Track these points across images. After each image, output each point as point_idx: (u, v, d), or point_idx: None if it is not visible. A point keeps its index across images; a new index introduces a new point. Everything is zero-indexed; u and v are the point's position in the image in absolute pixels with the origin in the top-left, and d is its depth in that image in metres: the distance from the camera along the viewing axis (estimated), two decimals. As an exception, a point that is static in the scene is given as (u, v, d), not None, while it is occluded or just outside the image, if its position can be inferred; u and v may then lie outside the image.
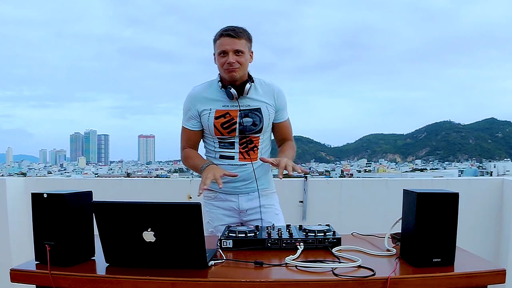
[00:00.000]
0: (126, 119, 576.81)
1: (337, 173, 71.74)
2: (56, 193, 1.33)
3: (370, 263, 1.32)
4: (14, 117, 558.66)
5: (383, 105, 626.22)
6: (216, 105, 1.93)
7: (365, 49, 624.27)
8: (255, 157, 1.96)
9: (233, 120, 1.91)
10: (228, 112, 1.92)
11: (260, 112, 1.93)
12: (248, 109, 1.92)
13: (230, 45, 1.84)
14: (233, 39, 1.84)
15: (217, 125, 1.92)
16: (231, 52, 1.84)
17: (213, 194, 2.02)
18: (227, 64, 1.84)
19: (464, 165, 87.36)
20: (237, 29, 1.87)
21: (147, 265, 1.31)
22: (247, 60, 1.90)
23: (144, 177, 15.47)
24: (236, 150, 1.95)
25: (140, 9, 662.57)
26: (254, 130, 1.93)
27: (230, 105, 1.92)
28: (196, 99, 1.96)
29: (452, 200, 1.32)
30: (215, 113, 1.92)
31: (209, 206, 2.03)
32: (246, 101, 1.92)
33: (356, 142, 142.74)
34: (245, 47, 1.88)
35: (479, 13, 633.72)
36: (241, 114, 1.91)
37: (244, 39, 1.87)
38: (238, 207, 1.98)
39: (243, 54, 1.87)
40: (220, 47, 1.86)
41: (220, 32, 1.87)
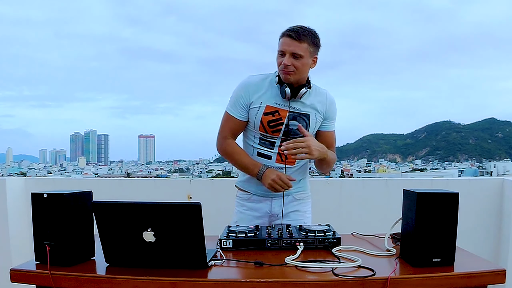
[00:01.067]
0: (126, 119, 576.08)
1: (337, 173, 71.73)
2: (56, 193, 1.33)
3: (370, 263, 1.32)
4: (14, 117, 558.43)
5: (383, 105, 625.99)
6: (268, 101, 1.86)
7: (365, 49, 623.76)
8: (292, 161, 1.90)
9: (281, 120, 1.86)
10: (278, 111, 1.86)
11: (308, 118, 1.88)
12: (298, 112, 1.87)
13: (289, 47, 1.77)
14: (293, 41, 1.77)
15: (264, 121, 1.86)
16: (289, 54, 1.77)
17: (247, 195, 1.98)
18: (282, 65, 1.79)
19: (464, 165, 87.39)
20: (302, 31, 1.78)
21: (147, 265, 1.32)
22: (305, 65, 1.81)
23: (144, 177, 15.45)
24: (275, 151, 1.89)
25: (140, 9, 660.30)
26: (299, 135, 1.85)
27: (281, 104, 1.86)
28: (250, 89, 1.88)
29: (452, 200, 1.32)
30: (265, 108, 1.86)
31: (241, 207, 1.99)
32: (297, 104, 1.87)
33: (356, 142, 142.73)
34: (306, 51, 1.79)
35: (479, 13, 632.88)
36: (290, 116, 1.86)
37: (307, 43, 1.78)
38: (270, 210, 1.94)
39: (302, 59, 1.78)
40: (280, 46, 1.80)
41: (284, 30, 1.81)
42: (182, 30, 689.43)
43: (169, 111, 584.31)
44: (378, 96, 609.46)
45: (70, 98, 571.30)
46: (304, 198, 2.00)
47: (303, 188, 2.00)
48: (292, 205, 1.96)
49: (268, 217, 1.96)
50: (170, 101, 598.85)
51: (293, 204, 1.96)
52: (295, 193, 1.96)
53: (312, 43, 1.80)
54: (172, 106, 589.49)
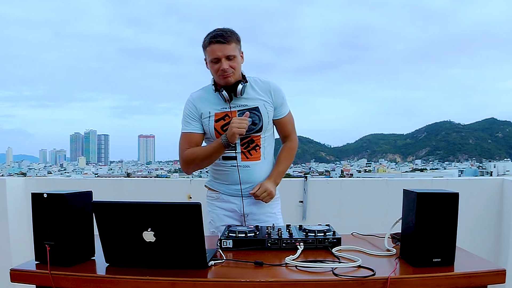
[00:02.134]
0: (126, 119, 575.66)
1: (337, 173, 71.70)
2: (56, 193, 1.33)
3: (370, 263, 1.32)
4: (14, 117, 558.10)
5: (383, 105, 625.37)
6: (215, 108, 1.93)
7: (365, 49, 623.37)
8: (257, 156, 1.95)
9: None
10: (227, 114, 1.91)
11: (258, 110, 1.92)
12: (246, 108, 1.91)
13: (221, 51, 1.82)
14: (223, 45, 1.82)
15: (217, 128, 1.91)
16: (223, 58, 1.83)
17: (216, 194, 2.01)
18: (221, 70, 1.84)
19: (464, 165, 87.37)
20: (225, 33, 1.84)
21: (147, 265, 1.31)
22: (239, 63, 1.89)
23: (144, 177, 15.46)
24: (238, 150, 1.93)
25: (140, 9, 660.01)
26: (255, 130, 1.91)
27: (228, 107, 1.91)
28: (196, 103, 1.95)
29: (452, 200, 1.32)
30: (214, 116, 1.92)
31: (212, 206, 2.02)
32: (242, 101, 1.92)
33: (356, 142, 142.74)
34: (236, 50, 1.86)
35: (479, 13, 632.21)
36: (240, 115, 1.89)
37: (234, 42, 1.85)
38: (239, 209, 1.97)
39: (235, 58, 1.85)
40: (211, 55, 1.84)
41: (208, 38, 1.85)
42: (182, 30, 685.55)
43: (169, 111, 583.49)
44: (378, 96, 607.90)
45: (70, 98, 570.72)
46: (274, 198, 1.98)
47: None
48: (261, 206, 1.96)
49: (239, 216, 1.99)
50: (170, 101, 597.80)
51: (261, 205, 1.96)
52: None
53: (237, 40, 1.87)
54: (172, 106, 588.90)
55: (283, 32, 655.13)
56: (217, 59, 1.83)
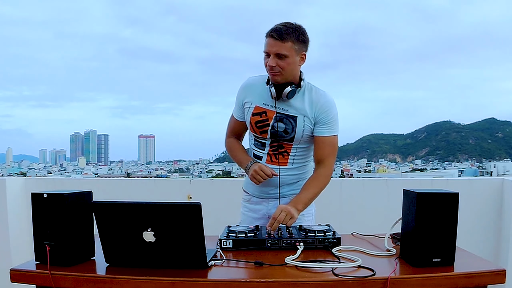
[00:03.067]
0: (126, 119, 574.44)
1: (337, 173, 71.70)
2: (56, 193, 1.33)
3: (370, 263, 1.32)
4: (14, 117, 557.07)
5: (383, 105, 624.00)
6: (257, 101, 1.86)
7: (365, 49, 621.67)
8: (284, 162, 1.87)
9: (267, 122, 1.84)
10: (266, 112, 1.84)
11: (295, 121, 1.81)
12: (285, 114, 1.82)
13: (273, 47, 1.73)
14: (276, 41, 1.72)
15: (252, 121, 1.86)
16: (273, 54, 1.73)
17: (248, 196, 1.99)
18: (268, 66, 1.76)
19: (464, 165, 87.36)
20: (285, 30, 1.72)
21: (147, 265, 1.32)
22: (291, 64, 1.75)
23: (144, 177, 15.46)
24: (266, 151, 1.88)
25: (140, 9, 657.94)
26: (285, 138, 1.83)
27: (270, 105, 1.83)
28: (245, 90, 1.90)
29: (452, 200, 1.32)
30: (254, 109, 1.86)
31: (244, 208, 2.00)
32: (286, 106, 1.82)
33: (356, 142, 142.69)
34: (290, 50, 1.73)
35: (479, 13, 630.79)
36: (276, 117, 1.82)
37: (291, 42, 1.72)
38: (267, 212, 1.91)
39: (287, 58, 1.73)
40: (265, 47, 1.76)
41: (268, 30, 1.76)
42: (181, 30, 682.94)
43: (169, 111, 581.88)
44: (378, 96, 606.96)
45: (70, 98, 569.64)
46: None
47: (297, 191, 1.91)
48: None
49: (266, 219, 1.92)
50: (170, 101, 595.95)
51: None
52: (291, 195, 1.90)
53: (297, 40, 1.74)
54: (172, 106, 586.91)
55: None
56: (268, 53, 1.75)
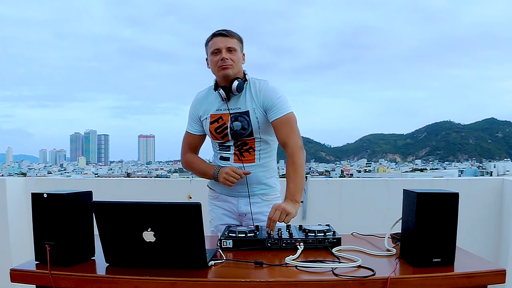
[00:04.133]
0: (126, 119, 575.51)
1: (337, 173, 71.69)
2: (56, 193, 1.33)
3: (370, 263, 1.32)
4: (14, 117, 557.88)
5: (383, 105, 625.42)
6: (211, 109, 1.94)
7: (365, 49, 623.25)
8: (251, 159, 1.92)
9: (225, 125, 1.90)
10: (221, 116, 1.92)
11: (248, 115, 1.88)
12: (239, 112, 1.89)
13: (223, 43, 1.85)
14: (225, 37, 1.86)
15: (212, 130, 1.93)
16: (224, 49, 1.85)
17: (215, 194, 2.03)
18: (220, 61, 1.84)
19: (464, 165, 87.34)
20: (228, 30, 1.89)
21: (147, 265, 1.31)
22: (239, 59, 1.89)
23: (144, 177, 15.46)
24: (232, 152, 1.94)
25: (139, 9, 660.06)
26: (245, 134, 1.89)
27: (223, 109, 1.92)
28: (197, 104, 1.99)
29: (452, 200, 1.31)
30: (210, 118, 1.94)
31: (211, 205, 2.04)
32: (237, 104, 1.90)
33: (356, 142, 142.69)
34: (237, 46, 1.89)
35: (479, 13, 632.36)
36: (232, 118, 1.89)
37: (236, 39, 1.89)
38: (237, 209, 1.96)
39: (236, 52, 1.87)
40: (213, 46, 1.87)
41: (211, 34, 1.90)
42: (181, 30, 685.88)
43: (169, 111, 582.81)
44: (378, 96, 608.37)
45: (69, 98, 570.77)
46: (272, 199, 1.96)
47: (268, 188, 1.96)
48: (258, 206, 1.94)
49: (237, 216, 1.99)
50: (170, 101, 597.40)
51: (259, 205, 1.94)
52: (261, 194, 1.94)
53: (239, 39, 1.91)
54: (172, 106, 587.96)
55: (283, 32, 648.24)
56: (218, 49, 1.85)
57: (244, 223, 1.95)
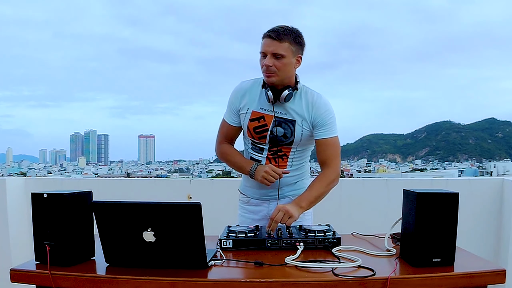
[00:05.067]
0: (126, 119, 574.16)
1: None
2: (56, 193, 1.33)
3: (370, 263, 1.32)
4: (14, 117, 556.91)
5: (383, 105, 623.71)
6: (254, 106, 1.84)
7: (365, 49, 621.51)
8: (283, 165, 1.87)
9: (266, 127, 1.83)
10: (263, 116, 1.83)
11: (293, 124, 1.81)
12: (283, 118, 1.81)
13: (270, 47, 1.72)
14: (273, 41, 1.72)
15: (250, 127, 1.85)
16: (270, 54, 1.73)
17: (246, 198, 1.98)
18: (264, 66, 1.74)
19: (464, 165, 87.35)
20: (282, 30, 1.73)
21: (147, 265, 1.32)
22: (287, 64, 1.75)
23: (144, 177, 15.47)
24: (264, 155, 1.88)
25: (139, 9, 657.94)
26: (285, 142, 1.84)
27: (267, 109, 1.83)
28: (239, 94, 1.88)
29: (452, 200, 1.32)
30: (251, 114, 1.85)
31: (242, 210, 2.00)
32: (283, 109, 1.81)
33: (356, 142, 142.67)
34: (288, 51, 1.73)
35: (479, 13, 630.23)
36: (275, 122, 1.82)
37: (288, 42, 1.73)
38: (268, 213, 1.90)
39: (283, 58, 1.73)
40: (261, 48, 1.76)
41: (266, 31, 1.76)
42: (181, 30, 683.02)
43: (169, 111, 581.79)
44: (378, 96, 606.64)
45: (69, 98, 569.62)
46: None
47: (300, 190, 1.93)
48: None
49: (267, 220, 1.90)
50: (170, 101, 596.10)
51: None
52: (292, 195, 1.91)
53: (294, 42, 1.75)
54: (171, 106, 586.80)
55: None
56: (264, 53, 1.75)
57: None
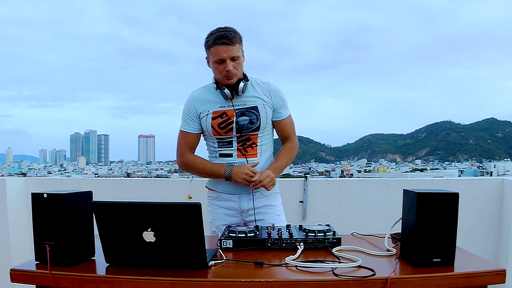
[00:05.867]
0: (126, 119, 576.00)
1: (337, 173, 71.71)
2: (56, 193, 1.33)
3: (370, 263, 1.32)
4: (14, 117, 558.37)
5: (383, 105, 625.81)
6: (213, 107, 1.94)
7: (365, 49, 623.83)
8: (253, 153, 1.97)
9: (230, 120, 1.92)
10: (225, 112, 1.93)
11: (257, 110, 1.93)
12: (245, 107, 1.93)
13: (226, 53, 1.83)
14: (228, 46, 1.83)
15: (214, 125, 1.94)
16: (228, 59, 1.84)
17: (216, 194, 2.03)
18: (225, 72, 1.86)
19: (464, 165, 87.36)
20: (229, 34, 1.85)
21: (147, 265, 1.31)
22: (242, 63, 1.91)
23: (144, 177, 15.45)
24: (234, 148, 1.96)
25: (139, 9, 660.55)
26: (252, 128, 1.93)
27: (226, 105, 1.93)
28: (195, 102, 1.98)
29: (452, 200, 1.31)
30: (212, 114, 1.94)
31: (212, 206, 2.04)
32: (242, 100, 1.93)
33: (356, 142, 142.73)
34: (239, 51, 1.88)
35: (479, 13, 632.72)
36: (238, 113, 1.92)
37: (237, 43, 1.87)
38: (239, 207, 1.98)
39: (239, 59, 1.88)
40: (216, 55, 1.85)
41: (213, 39, 1.85)
42: (181, 30, 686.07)
43: (169, 111, 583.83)
44: (378, 96, 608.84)
45: (69, 98, 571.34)
46: (271, 194, 2.01)
47: None
48: (260, 200, 1.98)
49: (239, 214, 2.00)
50: (170, 101, 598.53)
51: (261, 200, 1.99)
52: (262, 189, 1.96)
53: (239, 40, 1.88)
54: (171, 106, 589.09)
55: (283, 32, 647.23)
56: (222, 60, 1.85)
57: (246, 219, 1.97)
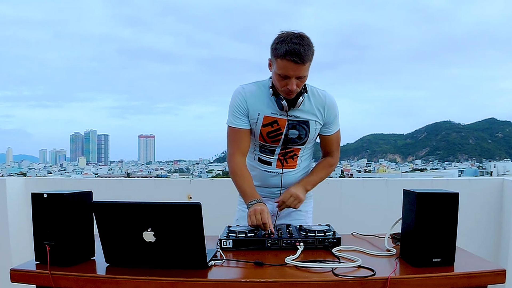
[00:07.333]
0: (126, 119, 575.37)
1: (337, 173, 71.68)
2: (56, 193, 1.33)
3: (370, 263, 1.32)
4: (14, 117, 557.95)
5: (383, 105, 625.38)
6: (265, 111, 1.81)
7: (364, 49, 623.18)
8: (293, 165, 1.91)
9: (280, 131, 1.82)
10: (277, 121, 1.81)
11: (307, 125, 1.83)
12: (297, 120, 1.82)
13: (294, 71, 1.66)
14: (298, 65, 1.65)
15: (263, 132, 1.83)
16: (294, 78, 1.68)
17: None
18: (287, 89, 1.70)
19: (464, 165, 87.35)
20: (303, 51, 1.65)
21: (147, 265, 1.32)
22: (306, 79, 1.74)
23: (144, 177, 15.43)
24: (275, 157, 1.89)
25: (139, 9, 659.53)
26: (299, 143, 1.86)
27: (279, 114, 1.81)
28: (248, 98, 1.82)
29: (452, 200, 1.32)
30: (263, 120, 1.82)
31: (241, 205, 1.96)
32: (296, 112, 1.81)
33: (356, 142, 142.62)
34: (308, 69, 1.71)
35: (479, 13, 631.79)
36: (289, 125, 1.82)
37: (309, 61, 1.69)
38: (272, 210, 1.89)
39: (305, 77, 1.72)
40: (282, 70, 1.68)
41: (283, 51, 1.64)
42: (181, 30, 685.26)
43: (169, 111, 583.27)
44: (378, 96, 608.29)
45: (69, 98, 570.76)
46: (306, 198, 1.95)
47: None
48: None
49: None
50: (170, 101, 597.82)
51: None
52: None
53: (312, 57, 1.71)
54: (171, 106, 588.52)
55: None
56: (287, 76, 1.68)
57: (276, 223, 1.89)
